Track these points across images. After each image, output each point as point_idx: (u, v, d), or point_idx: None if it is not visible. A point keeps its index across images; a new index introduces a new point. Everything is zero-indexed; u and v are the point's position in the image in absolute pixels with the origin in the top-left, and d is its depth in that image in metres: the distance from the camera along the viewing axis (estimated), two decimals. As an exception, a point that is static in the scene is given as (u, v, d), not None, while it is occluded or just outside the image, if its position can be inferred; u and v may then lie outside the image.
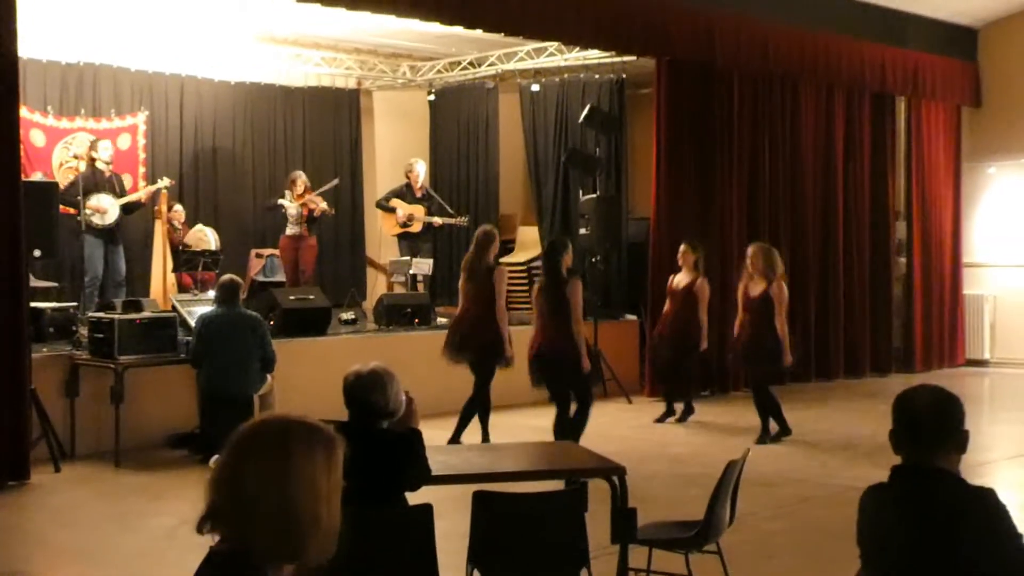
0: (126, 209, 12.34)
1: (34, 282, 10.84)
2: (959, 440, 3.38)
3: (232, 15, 13.06)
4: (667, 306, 11.20)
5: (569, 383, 8.99)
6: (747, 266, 10.31)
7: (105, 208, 12.05)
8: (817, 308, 14.41)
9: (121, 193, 12.35)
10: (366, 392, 4.57)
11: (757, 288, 10.15)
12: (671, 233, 12.79)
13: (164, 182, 12.90)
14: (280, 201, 13.64)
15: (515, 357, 9.44)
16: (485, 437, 9.55)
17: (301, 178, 13.75)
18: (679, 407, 11.36)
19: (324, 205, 13.69)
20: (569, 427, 8.83)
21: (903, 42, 15.29)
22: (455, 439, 9.33)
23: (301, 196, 13.58)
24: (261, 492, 2.17)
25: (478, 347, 9.46)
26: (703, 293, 10.89)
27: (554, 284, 8.92)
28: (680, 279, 11.04)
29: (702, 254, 11.09)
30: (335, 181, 14.36)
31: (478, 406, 9.56)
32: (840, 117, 14.88)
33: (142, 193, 12.90)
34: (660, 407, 11.49)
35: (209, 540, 2.24)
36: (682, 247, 11.08)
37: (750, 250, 10.39)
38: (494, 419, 9.71)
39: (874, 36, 14.90)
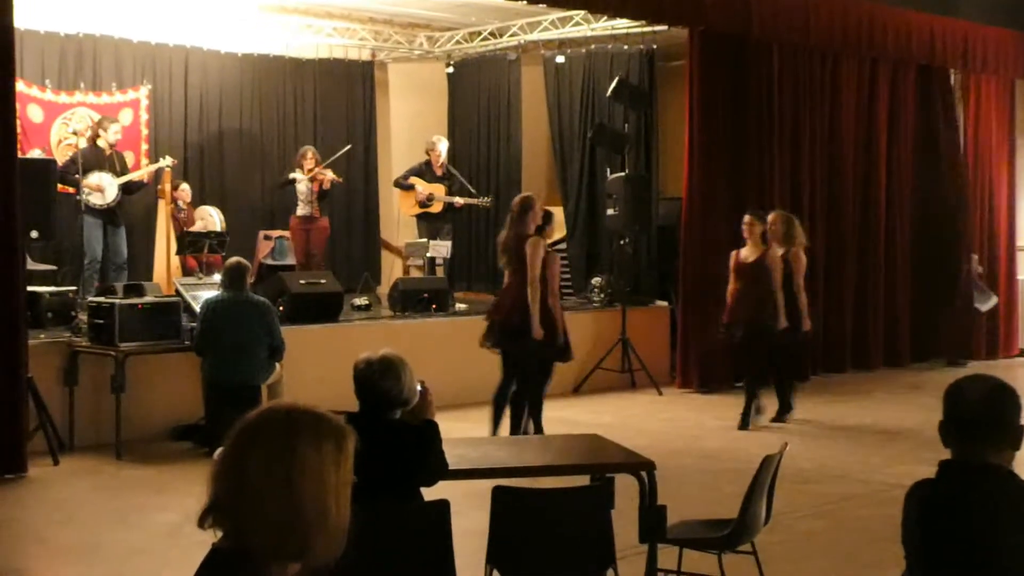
0: (126, 189, 12.36)
1: (31, 265, 10.90)
2: (1014, 435, 3.34)
3: (239, -17, 13.08)
4: (732, 285, 10.80)
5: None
6: (743, 232, 10.70)
7: (104, 187, 12.08)
8: (856, 292, 14.35)
9: (122, 171, 12.38)
10: (377, 379, 4.56)
11: (752, 255, 10.57)
12: (704, 214, 12.75)
13: (166, 161, 12.91)
14: (293, 175, 13.62)
15: (563, 342, 9.18)
16: (538, 428, 9.18)
17: (311, 151, 13.74)
18: (766, 404, 10.82)
19: (331, 174, 13.68)
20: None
21: (953, 11, 15.16)
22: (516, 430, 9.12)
23: (311, 171, 13.57)
24: (264, 485, 2.16)
25: (508, 332, 9.11)
26: (776, 265, 10.53)
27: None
28: (747, 253, 10.69)
29: (767, 226, 10.77)
30: (347, 148, 14.25)
31: (520, 398, 9.17)
32: (884, 92, 14.76)
33: (143, 172, 12.93)
34: (695, 400, 11.37)
35: (213, 537, 2.23)
36: (747, 218, 10.76)
37: (770, 217, 10.77)
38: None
39: (922, 5, 14.78)
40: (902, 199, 15.00)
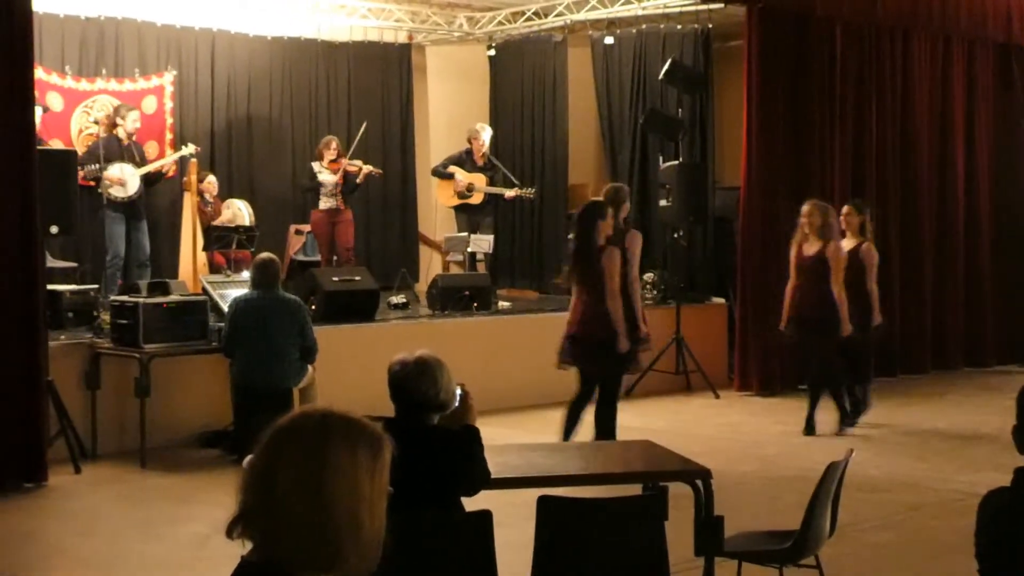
0: (147, 180, 12.46)
1: (51, 262, 11.00)
2: (1094, 440, 3.32)
3: (268, -38, 13.15)
4: (792, 281, 10.60)
5: (600, 366, 8.74)
6: (802, 225, 10.47)
7: (126, 179, 12.18)
8: (933, 288, 14.24)
9: (141, 162, 12.47)
10: (413, 381, 4.58)
11: (812, 248, 10.34)
12: (763, 204, 12.70)
13: (188, 149, 12.98)
14: (318, 180, 13.63)
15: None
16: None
17: (335, 141, 13.70)
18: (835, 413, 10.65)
19: (367, 167, 13.69)
20: (596, 420, 8.65)
21: (1032, -15, 15.04)
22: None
23: (335, 163, 13.57)
24: (295, 494, 2.18)
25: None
26: (837, 261, 10.29)
27: (586, 253, 8.64)
28: (808, 247, 10.45)
29: (833, 217, 10.55)
30: (363, 127, 14.12)
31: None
32: (960, 73, 14.64)
33: (166, 161, 13.02)
34: (754, 403, 11.35)
35: (242, 548, 2.25)
36: (806, 207, 10.52)
37: (805, 208, 10.53)
38: (557, 415, 9.60)
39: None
40: (982, 186, 14.86)
